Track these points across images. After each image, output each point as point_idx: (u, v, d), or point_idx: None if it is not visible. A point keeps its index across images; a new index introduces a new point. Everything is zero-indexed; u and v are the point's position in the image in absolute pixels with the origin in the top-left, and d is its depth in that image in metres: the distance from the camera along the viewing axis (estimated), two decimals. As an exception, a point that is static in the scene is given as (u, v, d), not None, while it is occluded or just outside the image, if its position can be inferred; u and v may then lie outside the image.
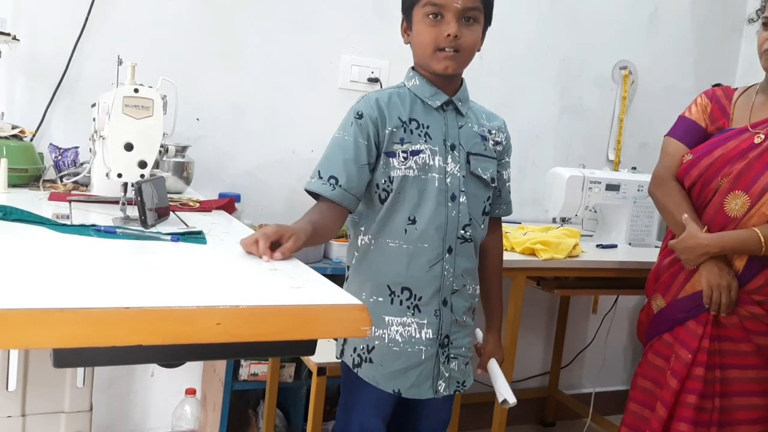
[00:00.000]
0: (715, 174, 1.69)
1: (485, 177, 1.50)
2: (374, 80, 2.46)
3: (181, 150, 1.99)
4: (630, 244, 2.38)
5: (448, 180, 1.44)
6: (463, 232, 1.47)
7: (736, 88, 1.82)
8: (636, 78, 2.92)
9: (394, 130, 1.41)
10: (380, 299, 1.45)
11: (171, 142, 1.80)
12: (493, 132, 1.54)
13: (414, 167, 1.42)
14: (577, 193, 2.28)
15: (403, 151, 1.41)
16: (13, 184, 1.66)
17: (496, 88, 2.64)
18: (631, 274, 2.16)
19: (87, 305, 0.78)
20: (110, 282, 0.93)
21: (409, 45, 1.48)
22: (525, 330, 2.74)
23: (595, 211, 2.44)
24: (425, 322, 1.45)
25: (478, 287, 1.54)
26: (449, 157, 1.45)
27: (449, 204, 1.44)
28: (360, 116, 1.42)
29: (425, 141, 1.43)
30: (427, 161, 1.42)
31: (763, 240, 1.60)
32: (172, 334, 0.79)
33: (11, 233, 1.17)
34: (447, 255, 1.45)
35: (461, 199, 1.46)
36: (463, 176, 1.46)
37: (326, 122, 2.39)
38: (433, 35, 1.39)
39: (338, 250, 2.23)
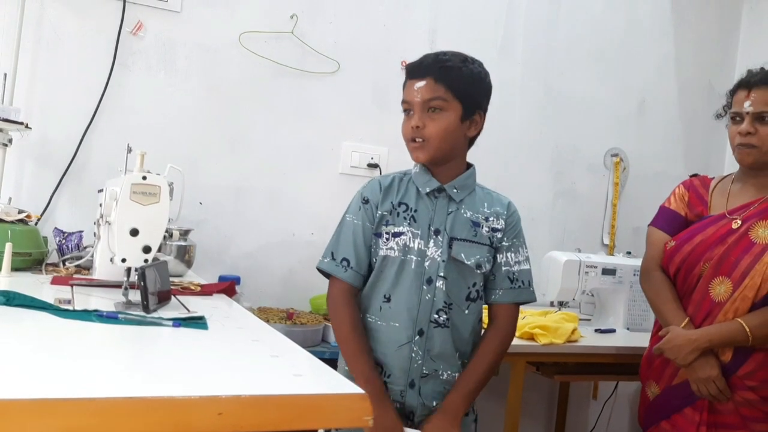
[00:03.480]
0: (698, 259, 1.73)
1: (468, 262, 1.50)
2: (374, 166, 2.53)
3: (184, 233, 2.02)
4: (628, 328, 2.38)
5: (427, 263, 1.48)
6: (436, 316, 1.47)
7: (713, 178, 1.89)
8: (627, 165, 3.00)
9: (385, 213, 1.51)
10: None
11: (174, 226, 1.83)
12: (491, 219, 1.55)
13: (395, 248, 1.48)
14: (574, 277, 2.30)
15: (386, 233, 1.50)
16: (15, 268, 1.67)
17: (491, 172, 2.69)
18: (630, 360, 2.14)
19: (88, 395, 0.78)
20: (112, 371, 0.93)
21: None
22: (525, 416, 2.69)
23: (592, 295, 2.45)
24: (392, 399, 1.47)
25: (457, 375, 1.51)
26: (431, 241, 1.49)
27: (424, 287, 1.47)
28: (366, 201, 1.53)
29: (409, 224, 1.50)
30: (408, 243, 1.48)
31: (749, 331, 1.62)
32: (173, 425, 0.79)
33: (14, 319, 1.17)
34: (417, 337, 1.46)
35: (438, 284, 1.47)
36: (444, 261, 1.48)
37: (327, 206, 2.46)
38: (406, 128, 1.50)
39: (336, 333, 2.22)
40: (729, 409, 1.69)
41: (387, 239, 1.49)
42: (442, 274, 1.47)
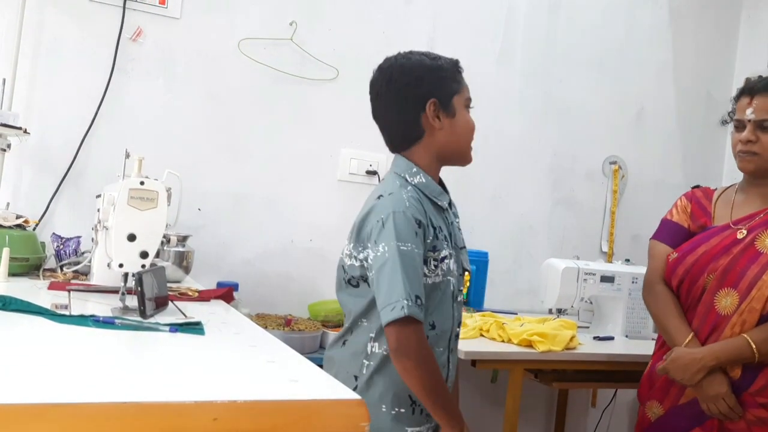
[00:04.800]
0: (701, 270, 1.69)
1: (469, 268, 1.50)
2: (372, 173, 2.53)
3: (182, 239, 2.02)
4: (627, 336, 2.37)
5: (454, 281, 1.41)
6: (458, 329, 1.46)
7: (715, 189, 1.87)
8: (626, 172, 3.00)
9: (430, 239, 1.35)
10: (402, 410, 1.37)
11: (172, 231, 1.83)
12: (457, 220, 1.53)
13: (440, 274, 1.36)
14: (573, 284, 2.29)
15: (434, 259, 1.35)
16: (13, 273, 1.67)
17: (490, 180, 2.71)
18: (629, 367, 2.14)
19: (83, 400, 0.78)
20: (107, 376, 0.93)
21: (423, 131, 1.39)
22: (524, 424, 2.68)
23: (591, 303, 2.44)
24: (434, 423, 1.40)
25: None
26: (454, 258, 1.41)
27: (454, 305, 1.42)
28: (420, 224, 1.32)
29: (446, 246, 1.38)
30: (449, 266, 1.38)
31: (755, 348, 1.58)
32: (168, 430, 0.78)
33: (10, 324, 1.17)
34: (450, 355, 1.43)
35: (459, 298, 1.45)
36: (460, 274, 1.45)
37: (325, 213, 2.47)
38: (473, 126, 1.41)
39: (334, 340, 2.22)
40: (740, 428, 1.64)
41: (435, 266, 1.35)
42: (460, 288, 1.44)
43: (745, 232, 1.68)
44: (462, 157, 1.43)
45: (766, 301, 1.61)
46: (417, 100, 1.38)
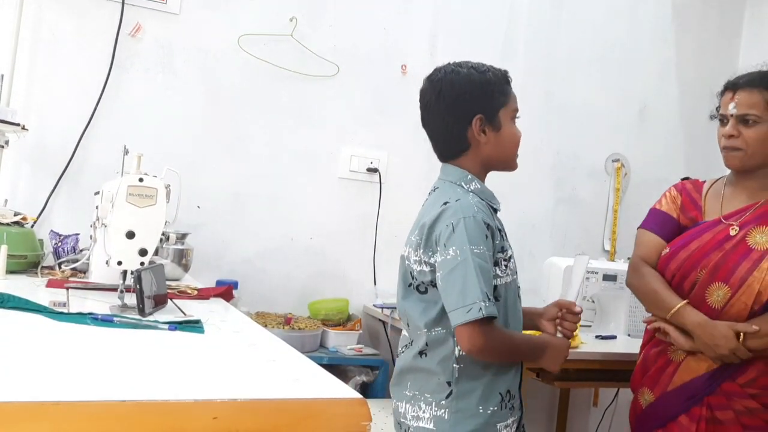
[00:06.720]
0: (694, 266, 1.69)
1: None
2: (373, 170, 2.51)
3: (181, 237, 2.01)
4: (629, 335, 2.36)
5: (517, 279, 1.45)
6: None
7: (704, 181, 1.86)
8: (628, 170, 2.98)
9: (498, 240, 1.39)
10: (494, 408, 1.39)
11: (171, 229, 1.81)
12: None
13: (509, 273, 1.41)
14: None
15: (504, 259, 1.39)
16: (11, 270, 1.65)
17: (492, 178, 2.68)
18: (631, 367, 2.11)
19: (82, 398, 0.78)
20: (106, 374, 0.91)
21: (469, 144, 1.42)
22: (525, 423, 2.67)
23: (593, 301, 2.43)
24: (519, 415, 1.45)
25: None
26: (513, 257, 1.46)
27: (518, 303, 1.46)
28: (489, 227, 1.35)
29: (509, 245, 1.43)
30: (515, 264, 1.44)
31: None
32: (167, 429, 0.77)
33: (8, 322, 1.16)
34: None
35: (519, 294, 1.47)
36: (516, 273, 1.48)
37: (326, 210, 2.46)
38: (518, 137, 1.45)
39: (334, 338, 2.21)
40: (729, 417, 1.65)
41: (506, 265, 1.39)
42: (519, 284, 1.47)
43: (737, 228, 1.68)
44: (507, 166, 1.49)
45: (756, 296, 1.61)
46: (463, 116, 1.40)
